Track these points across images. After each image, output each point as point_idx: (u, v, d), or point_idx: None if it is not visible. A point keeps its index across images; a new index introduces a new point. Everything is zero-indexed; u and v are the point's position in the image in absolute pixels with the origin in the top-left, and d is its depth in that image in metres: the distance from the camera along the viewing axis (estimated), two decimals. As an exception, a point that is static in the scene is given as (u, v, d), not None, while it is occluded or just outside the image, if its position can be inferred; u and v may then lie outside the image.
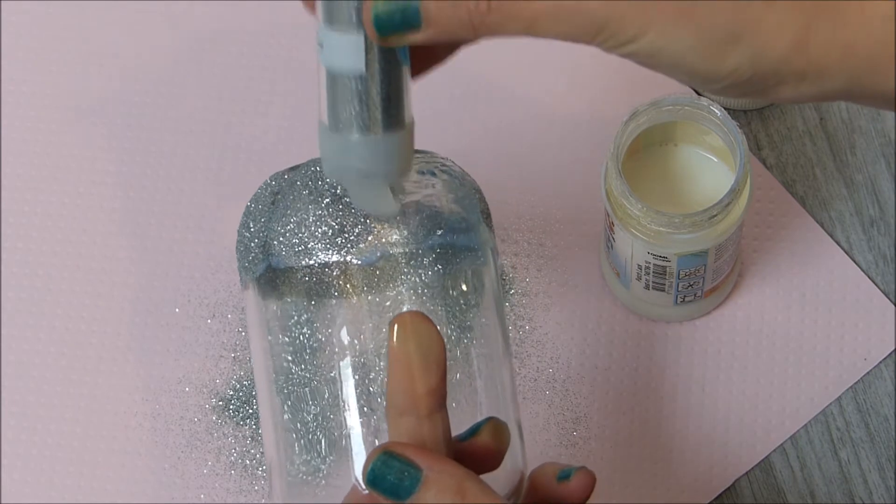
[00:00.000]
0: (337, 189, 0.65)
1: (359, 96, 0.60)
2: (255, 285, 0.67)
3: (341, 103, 0.60)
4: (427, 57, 0.64)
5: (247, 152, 0.89)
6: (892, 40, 0.57)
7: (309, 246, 0.65)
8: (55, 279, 0.86)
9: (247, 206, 0.69)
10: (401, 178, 0.63)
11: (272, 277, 0.66)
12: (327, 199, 0.66)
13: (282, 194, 0.67)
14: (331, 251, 0.65)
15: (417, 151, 0.68)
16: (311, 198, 0.66)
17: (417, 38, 0.59)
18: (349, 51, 0.59)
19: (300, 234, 0.65)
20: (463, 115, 0.88)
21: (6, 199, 0.88)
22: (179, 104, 0.90)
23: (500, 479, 0.65)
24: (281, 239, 0.66)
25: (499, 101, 0.89)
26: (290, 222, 0.66)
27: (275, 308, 0.67)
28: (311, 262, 0.65)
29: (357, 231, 0.65)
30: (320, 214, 0.65)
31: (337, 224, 0.65)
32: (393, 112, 0.61)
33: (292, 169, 0.68)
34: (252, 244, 0.67)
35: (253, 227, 0.67)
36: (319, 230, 0.65)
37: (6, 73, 0.91)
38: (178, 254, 0.87)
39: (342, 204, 0.65)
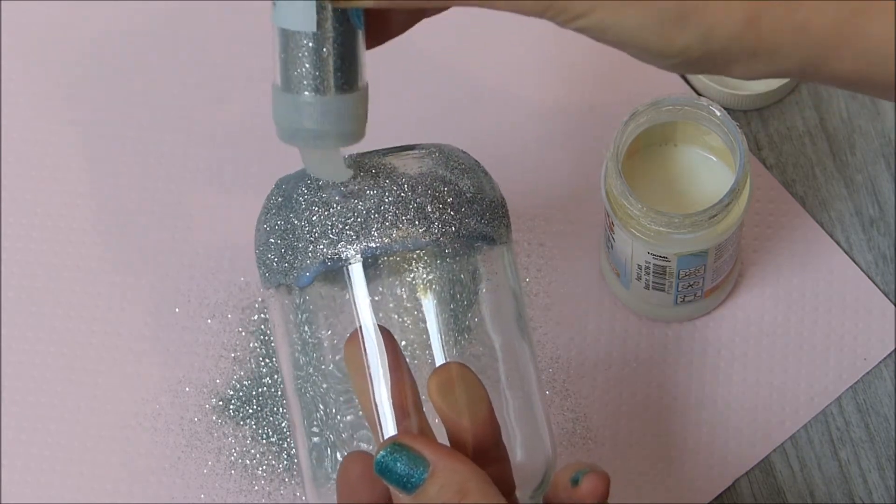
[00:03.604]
0: (343, 185, 0.65)
1: (310, 56, 0.60)
2: (276, 288, 0.67)
3: (293, 63, 0.61)
4: (383, 27, 0.64)
5: (247, 152, 0.89)
6: (845, 20, 0.57)
7: (328, 242, 0.65)
8: (55, 279, 0.86)
9: (259, 216, 0.69)
10: (352, 142, 0.63)
11: (293, 284, 0.66)
12: (336, 197, 0.66)
13: (291, 199, 0.67)
14: (348, 248, 0.65)
15: (438, 144, 0.68)
16: (322, 195, 0.66)
17: (370, 3, 0.59)
18: (301, 9, 0.60)
19: (320, 231, 0.65)
20: (462, 116, 0.88)
21: (6, 199, 0.88)
22: (179, 104, 0.90)
23: (528, 470, 0.65)
24: (296, 244, 0.66)
25: (498, 102, 0.89)
26: (306, 221, 0.66)
27: (297, 309, 0.67)
28: (331, 259, 0.65)
29: (372, 221, 0.65)
30: (334, 210, 0.65)
31: (351, 218, 0.65)
32: (345, 74, 0.61)
33: (299, 172, 0.68)
34: (269, 253, 0.67)
35: (270, 236, 0.67)
36: (335, 226, 0.65)
37: (6, 74, 0.91)
38: (178, 254, 0.87)
39: (354, 197, 0.65)
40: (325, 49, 0.60)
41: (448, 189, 0.65)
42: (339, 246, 0.64)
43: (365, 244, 0.64)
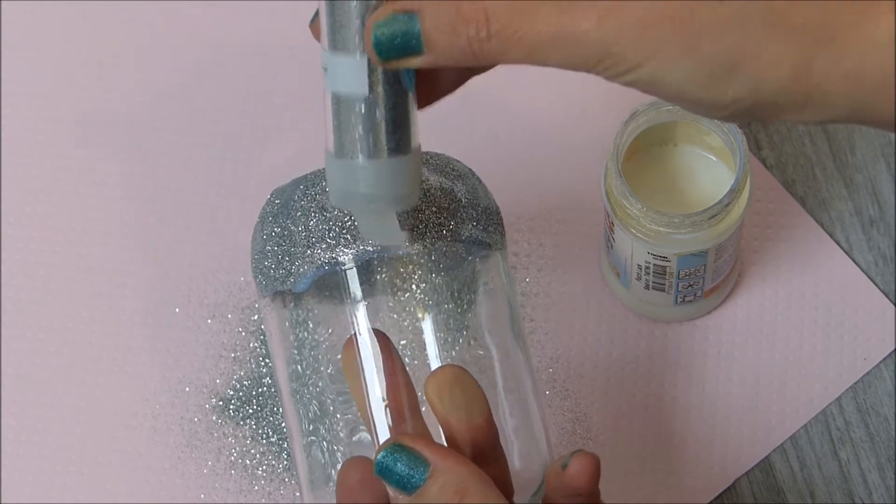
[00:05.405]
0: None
1: (363, 120, 0.60)
2: (272, 297, 0.68)
3: (345, 127, 0.60)
4: (434, 86, 0.63)
5: (247, 152, 0.89)
6: (893, 66, 0.57)
7: (326, 247, 0.65)
8: (55, 279, 0.86)
9: (255, 226, 0.69)
10: (407, 205, 0.62)
11: (290, 290, 0.66)
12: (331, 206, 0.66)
13: (288, 206, 0.67)
14: (345, 253, 0.65)
15: (431, 153, 0.68)
16: (319, 200, 0.66)
17: (418, 62, 0.59)
18: (353, 74, 0.59)
19: (317, 235, 0.65)
20: (462, 116, 0.88)
21: (6, 199, 0.88)
22: (180, 105, 0.90)
23: (525, 476, 0.65)
24: (294, 249, 0.66)
25: (498, 102, 0.89)
26: (303, 227, 0.66)
27: (293, 315, 0.67)
28: (329, 263, 0.65)
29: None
30: (330, 215, 0.65)
31: (348, 222, 0.65)
32: (398, 136, 0.60)
33: (294, 181, 0.68)
34: (266, 260, 0.67)
35: (267, 244, 0.67)
36: (332, 230, 0.65)
37: (6, 75, 0.91)
38: (178, 254, 0.87)
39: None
40: (377, 112, 0.59)
41: (443, 195, 0.66)
42: (337, 250, 0.64)
43: (361, 248, 0.64)
